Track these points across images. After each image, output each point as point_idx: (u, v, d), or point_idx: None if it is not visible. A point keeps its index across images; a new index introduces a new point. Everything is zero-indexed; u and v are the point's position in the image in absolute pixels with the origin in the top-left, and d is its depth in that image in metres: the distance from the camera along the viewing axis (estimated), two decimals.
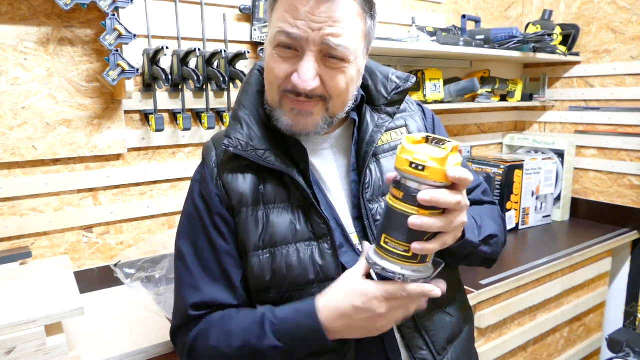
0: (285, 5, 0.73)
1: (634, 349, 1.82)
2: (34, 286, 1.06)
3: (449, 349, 0.86)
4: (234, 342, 0.75)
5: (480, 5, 2.22)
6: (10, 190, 1.25)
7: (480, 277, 1.53)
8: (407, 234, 0.65)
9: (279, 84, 0.76)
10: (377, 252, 0.70)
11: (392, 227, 0.67)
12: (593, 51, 2.12)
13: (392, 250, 0.67)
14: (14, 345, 0.89)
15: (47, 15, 1.25)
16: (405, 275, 0.67)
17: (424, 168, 0.62)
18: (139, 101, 1.41)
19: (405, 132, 0.90)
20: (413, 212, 0.64)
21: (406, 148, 0.64)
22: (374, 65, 0.90)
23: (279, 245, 0.79)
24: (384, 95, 0.87)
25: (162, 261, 1.38)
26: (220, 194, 0.81)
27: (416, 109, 0.95)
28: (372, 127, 0.85)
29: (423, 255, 0.67)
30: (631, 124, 2.01)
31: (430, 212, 0.64)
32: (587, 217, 2.19)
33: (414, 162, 0.63)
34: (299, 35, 0.71)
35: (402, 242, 0.66)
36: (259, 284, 0.80)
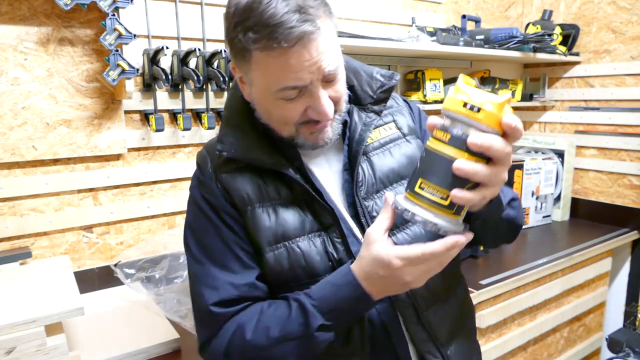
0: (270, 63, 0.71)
1: (634, 349, 1.82)
2: (34, 286, 1.06)
3: (452, 342, 0.87)
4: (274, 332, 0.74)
5: (480, 5, 2.22)
6: (10, 190, 1.25)
7: (480, 277, 1.53)
8: (448, 180, 0.61)
9: (295, 122, 0.77)
10: (408, 198, 0.66)
11: (432, 172, 0.63)
12: (593, 51, 2.12)
13: (428, 197, 0.63)
14: (14, 345, 0.89)
15: (47, 15, 1.25)
16: (437, 225, 0.63)
17: (479, 110, 0.59)
18: (139, 101, 1.41)
19: (393, 127, 0.91)
20: (458, 157, 0.61)
21: (460, 88, 0.60)
22: (359, 65, 0.90)
23: (292, 237, 0.79)
24: (369, 94, 0.88)
25: (162, 261, 1.38)
26: (224, 195, 0.81)
27: (402, 104, 0.96)
28: (360, 126, 0.86)
29: (459, 206, 0.63)
30: (631, 124, 2.01)
31: (475, 159, 0.61)
32: (587, 217, 2.19)
33: (469, 102, 0.59)
34: (305, 81, 0.72)
35: (442, 187, 0.62)
36: (277, 279, 0.80)
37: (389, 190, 0.85)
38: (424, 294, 0.83)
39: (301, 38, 0.68)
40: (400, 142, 0.90)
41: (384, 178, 0.85)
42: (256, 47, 0.70)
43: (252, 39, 0.69)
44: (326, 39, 0.72)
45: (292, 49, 0.69)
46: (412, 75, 1.91)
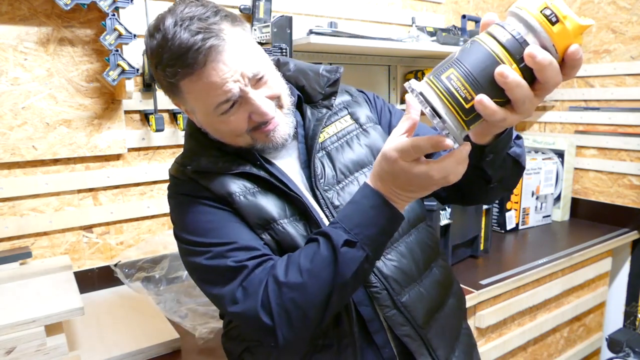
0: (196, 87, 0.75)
1: (634, 349, 1.82)
2: (34, 286, 1.06)
3: (432, 323, 0.86)
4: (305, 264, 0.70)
5: (480, 5, 2.22)
6: (10, 190, 1.25)
7: (480, 277, 1.53)
8: (481, 82, 0.54)
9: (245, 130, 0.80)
10: (428, 84, 0.57)
11: (468, 66, 0.55)
12: (593, 51, 2.12)
13: (451, 90, 0.55)
14: (14, 345, 0.89)
15: (47, 15, 1.25)
16: (445, 122, 0.56)
17: (557, 22, 0.52)
18: (139, 101, 1.41)
19: (349, 119, 0.93)
20: (505, 62, 0.54)
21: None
22: (306, 66, 0.95)
23: (277, 220, 0.81)
24: (318, 90, 0.91)
25: (162, 261, 1.38)
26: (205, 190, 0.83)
27: (357, 95, 0.99)
28: (313, 122, 0.89)
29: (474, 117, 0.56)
30: (631, 124, 2.01)
31: (521, 73, 0.54)
32: (587, 217, 2.19)
33: (550, 8, 0.52)
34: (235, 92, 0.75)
35: (470, 87, 0.55)
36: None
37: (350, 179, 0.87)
38: (397, 276, 0.83)
39: (209, 54, 0.72)
40: (357, 132, 0.92)
41: (343, 169, 0.88)
42: (178, 79, 0.75)
43: (172, 73, 0.74)
44: (238, 46, 0.76)
45: (207, 67, 0.73)
46: (412, 75, 1.91)
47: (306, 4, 1.68)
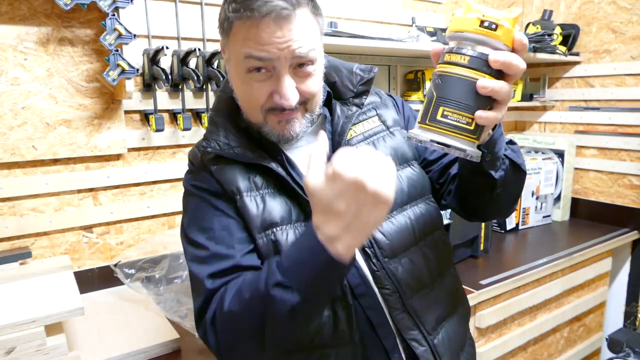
0: (244, 31, 0.75)
1: (634, 349, 1.82)
2: (34, 286, 1.06)
3: (440, 330, 0.87)
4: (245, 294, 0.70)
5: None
6: (10, 190, 1.25)
7: (480, 277, 1.53)
8: (471, 104, 0.61)
9: (260, 106, 0.80)
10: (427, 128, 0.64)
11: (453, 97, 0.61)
12: (593, 51, 2.12)
13: (453, 124, 0.62)
14: (14, 345, 0.89)
15: (47, 15, 1.25)
16: (466, 151, 0.63)
17: (497, 27, 0.59)
18: (139, 101, 1.41)
19: (376, 120, 0.94)
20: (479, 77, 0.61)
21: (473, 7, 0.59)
22: (339, 62, 0.94)
23: (279, 225, 0.80)
24: (350, 88, 0.91)
25: (162, 261, 1.38)
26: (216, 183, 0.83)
27: (386, 97, 0.99)
28: (342, 119, 0.89)
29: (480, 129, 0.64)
30: (631, 124, 2.01)
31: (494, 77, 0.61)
32: (587, 217, 2.19)
33: (486, 19, 0.58)
34: (270, 57, 0.75)
35: (466, 112, 0.62)
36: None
37: None
38: (409, 281, 0.83)
39: (272, 12, 0.72)
40: (384, 134, 0.92)
41: None
42: (234, 16, 0.75)
43: (233, 9, 0.75)
44: (302, 25, 0.75)
45: (263, 21, 0.73)
46: (412, 75, 1.91)
47: None
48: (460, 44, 0.62)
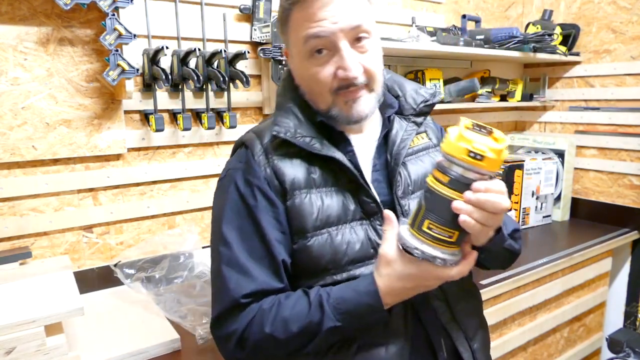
0: (299, 18, 0.80)
1: (634, 349, 1.82)
2: (34, 286, 1.06)
3: (477, 336, 0.91)
4: (292, 327, 0.76)
5: (480, 5, 2.22)
6: (10, 190, 1.25)
7: (480, 277, 1.53)
8: (453, 220, 0.67)
9: (329, 87, 0.82)
10: (414, 235, 0.71)
11: (437, 213, 0.68)
12: (593, 51, 2.12)
13: (436, 236, 0.69)
14: (14, 345, 0.89)
15: (47, 15, 1.25)
16: (446, 260, 0.70)
17: (483, 158, 0.64)
18: (139, 101, 1.41)
19: (425, 137, 0.97)
20: (457, 198, 0.66)
21: (464, 136, 0.64)
22: (403, 79, 0.98)
23: (335, 224, 0.82)
24: (412, 106, 0.94)
25: (162, 261, 1.38)
26: (269, 179, 0.83)
27: (429, 120, 1.03)
28: (402, 133, 0.91)
29: (460, 240, 0.70)
30: (631, 124, 2.01)
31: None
32: (587, 217, 2.19)
33: (473, 151, 0.64)
34: (327, 31, 0.78)
35: (449, 228, 0.68)
36: (319, 264, 0.82)
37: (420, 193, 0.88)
38: (455, 290, 0.87)
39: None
40: (432, 150, 0.96)
41: (418, 181, 0.90)
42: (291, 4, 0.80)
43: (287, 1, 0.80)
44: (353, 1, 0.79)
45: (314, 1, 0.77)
46: (412, 75, 1.91)
47: None
48: (449, 165, 0.67)
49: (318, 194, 0.83)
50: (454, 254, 0.71)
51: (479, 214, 0.67)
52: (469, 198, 0.66)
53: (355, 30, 0.79)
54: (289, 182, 0.83)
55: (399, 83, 0.97)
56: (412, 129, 0.92)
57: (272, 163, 0.84)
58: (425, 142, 0.96)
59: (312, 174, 0.84)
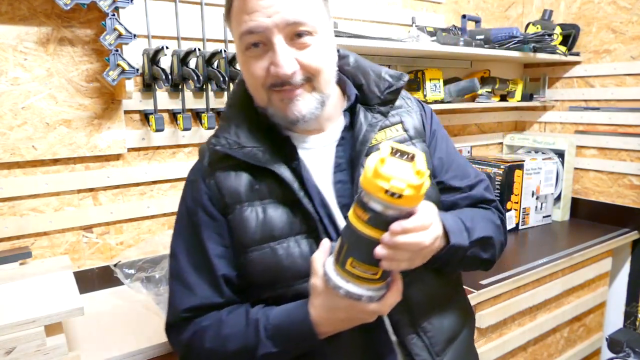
0: (237, 8, 0.75)
1: (634, 349, 1.82)
2: (34, 286, 1.06)
3: (448, 351, 0.85)
4: (230, 346, 0.77)
5: (480, 5, 2.22)
6: (10, 190, 1.25)
7: (480, 277, 1.53)
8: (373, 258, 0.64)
9: (262, 83, 0.77)
10: (339, 273, 0.67)
11: (359, 251, 0.64)
12: (593, 51, 2.12)
13: (360, 275, 0.66)
14: (14, 345, 0.89)
15: (47, 15, 1.25)
16: (372, 297, 0.67)
17: (401, 196, 0.59)
18: (139, 101, 1.41)
19: (400, 129, 0.88)
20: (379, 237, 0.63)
21: (381, 172, 0.59)
22: (367, 65, 0.89)
23: (278, 238, 0.79)
24: (377, 94, 0.86)
25: (162, 261, 1.38)
26: (211, 194, 0.82)
27: (414, 104, 0.93)
28: (365, 127, 0.84)
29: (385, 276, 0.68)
30: (631, 124, 2.01)
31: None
32: (587, 217, 2.19)
33: (390, 190, 0.59)
34: (260, 25, 0.72)
35: (372, 266, 0.65)
36: (263, 278, 0.80)
37: None
38: (420, 300, 0.82)
39: None
40: (407, 144, 0.87)
41: None
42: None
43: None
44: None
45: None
46: (412, 75, 1.91)
47: None
48: (368, 201, 0.62)
49: (261, 206, 0.80)
50: (380, 289, 0.68)
51: (400, 254, 0.63)
52: (386, 242, 0.62)
53: (293, 26, 0.73)
54: (229, 196, 0.80)
55: (362, 70, 0.88)
56: (376, 120, 0.85)
57: (215, 176, 0.82)
58: (398, 135, 0.87)
59: (255, 186, 0.80)
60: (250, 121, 0.83)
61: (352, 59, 0.89)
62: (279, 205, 0.80)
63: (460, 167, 0.95)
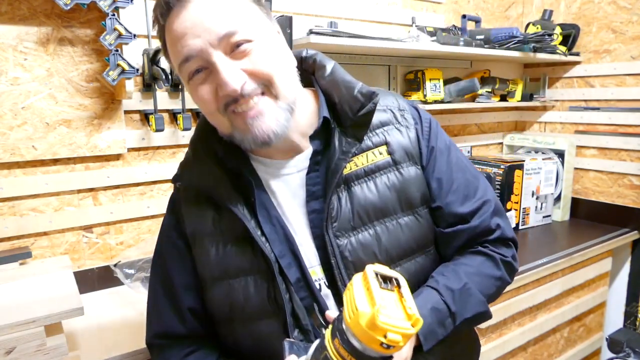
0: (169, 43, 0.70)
1: (634, 349, 1.82)
2: (34, 286, 1.06)
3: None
4: None
5: (480, 5, 2.21)
6: (10, 190, 1.25)
7: None
8: None
9: (216, 107, 0.70)
10: None
11: None
12: (593, 51, 2.12)
13: None
14: (14, 345, 0.89)
15: (47, 15, 1.25)
16: None
17: (395, 347, 0.55)
18: (139, 101, 1.41)
19: (384, 151, 0.78)
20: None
21: (378, 325, 0.52)
22: (341, 79, 0.78)
23: (234, 276, 0.76)
24: (349, 115, 0.76)
25: None
26: (177, 225, 0.82)
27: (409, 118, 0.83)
28: (337, 154, 0.74)
29: None
30: (631, 124, 2.01)
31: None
32: (587, 217, 2.19)
33: (386, 343, 0.54)
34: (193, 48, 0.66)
35: None
36: (221, 315, 0.79)
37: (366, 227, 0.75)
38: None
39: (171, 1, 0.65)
40: (389, 170, 0.78)
41: (362, 214, 0.75)
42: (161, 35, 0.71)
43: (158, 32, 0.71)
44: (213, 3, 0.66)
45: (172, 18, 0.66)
46: (412, 75, 1.91)
47: (306, 4, 1.68)
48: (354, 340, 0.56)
49: (221, 242, 0.76)
50: None
51: None
52: None
53: (226, 38, 0.66)
54: (190, 231, 0.79)
55: (335, 86, 0.77)
56: (350, 146, 0.74)
57: (182, 208, 0.81)
58: (381, 160, 0.78)
59: (218, 220, 0.77)
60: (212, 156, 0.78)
61: (328, 70, 0.79)
62: (239, 241, 0.76)
63: (462, 187, 0.83)
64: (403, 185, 0.78)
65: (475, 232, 0.83)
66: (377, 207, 0.76)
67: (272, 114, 0.70)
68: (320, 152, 0.78)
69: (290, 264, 0.75)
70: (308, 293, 0.75)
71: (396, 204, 0.78)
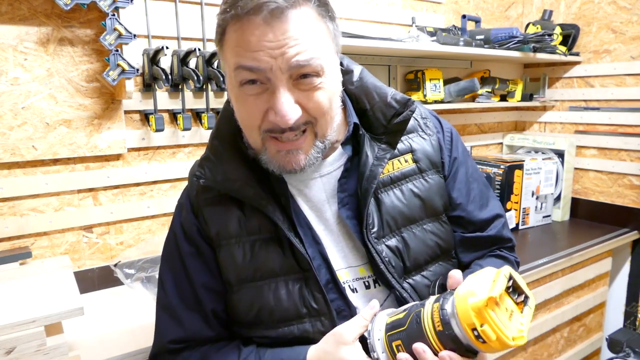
0: (234, 39, 0.65)
1: (634, 349, 1.82)
2: (34, 286, 1.06)
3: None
4: None
5: (480, 5, 2.22)
6: (10, 190, 1.25)
7: None
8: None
9: (257, 126, 0.68)
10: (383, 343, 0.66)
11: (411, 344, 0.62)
12: (593, 51, 2.12)
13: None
14: (14, 345, 0.89)
15: (47, 15, 1.25)
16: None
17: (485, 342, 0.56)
18: (139, 101, 1.41)
19: (409, 159, 0.79)
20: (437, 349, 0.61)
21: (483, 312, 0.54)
22: (372, 85, 0.79)
23: (265, 278, 0.74)
24: (382, 123, 0.76)
25: None
26: (199, 225, 0.78)
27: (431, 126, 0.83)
28: (372, 160, 0.74)
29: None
30: (631, 124, 2.01)
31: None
32: (587, 217, 2.19)
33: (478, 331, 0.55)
34: (261, 67, 0.63)
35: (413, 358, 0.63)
36: (247, 318, 0.76)
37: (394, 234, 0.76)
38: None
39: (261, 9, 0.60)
40: (415, 178, 0.79)
41: (390, 222, 0.76)
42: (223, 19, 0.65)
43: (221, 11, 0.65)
44: (302, 27, 0.63)
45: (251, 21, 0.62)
46: (412, 75, 1.91)
47: None
48: (451, 316, 0.59)
49: (250, 242, 0.74)
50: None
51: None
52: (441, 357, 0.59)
53: (301, 69, 0.64)
54: (214, 232, 0.76)
55: (366, 92, 0.77)
56: (384, 152, 0.75)
57: (202, 208, 0.77)
58: (407, 167, 0.78)
59: (244, 221, 0.75)
60: (238, 153, 0.76)
61: (357, 76, 0.79)
62: (270, 242, 0.74)
63: (477, 197, 0.86)
64: (428, 192, 0.80)
65: (491, 240, 0.88)
66: (405, 214, 0.78)
67: (307, 151, 0.70)
68: (349, 159, 0.77)
69: (321, 266, 0.75)
70: (338, 295, 0.75)
71: (422, 211, 0.79)
